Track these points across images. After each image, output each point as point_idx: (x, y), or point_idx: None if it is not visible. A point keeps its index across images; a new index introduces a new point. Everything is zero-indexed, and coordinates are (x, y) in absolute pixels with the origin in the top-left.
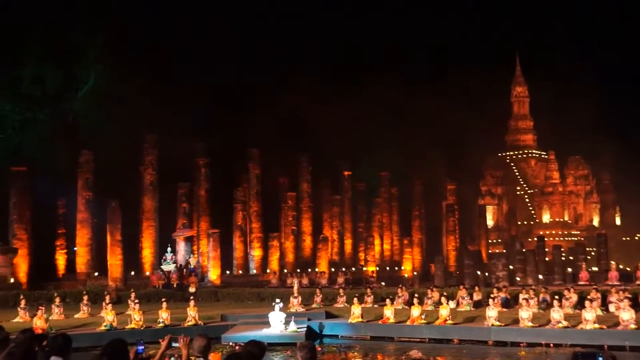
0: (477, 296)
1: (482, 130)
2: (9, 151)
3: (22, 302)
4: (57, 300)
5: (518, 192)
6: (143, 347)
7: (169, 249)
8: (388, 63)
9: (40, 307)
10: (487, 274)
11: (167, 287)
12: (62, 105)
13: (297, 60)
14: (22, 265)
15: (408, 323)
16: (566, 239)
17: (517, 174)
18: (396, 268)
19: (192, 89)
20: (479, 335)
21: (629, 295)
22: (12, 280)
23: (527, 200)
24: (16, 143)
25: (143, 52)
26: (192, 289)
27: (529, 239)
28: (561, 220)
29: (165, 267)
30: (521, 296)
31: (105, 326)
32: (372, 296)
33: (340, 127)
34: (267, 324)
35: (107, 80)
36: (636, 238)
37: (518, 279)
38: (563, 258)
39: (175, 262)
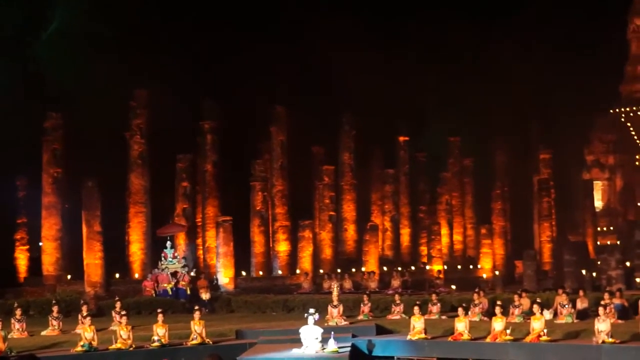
0: (581, 304)
1: (586, 81)
2: None
3: None
4: (18, 312)
5: (638, 163)
6: None
7: (168, 243)
8: None
9: None
10: (595, 273)
11: (179, 294)
12: (20, 52)
13: None
14: None
15: (488, 340)
16: None
17: (636, 137)
18: (471, 267)
19: (192, 27)
20: (585, 357)
21: None
22: None
23: None
24: None
25: None
26: (204, 296)
27: None
28: None
29: (170, 267)
30: None
31: (82, 346)
32: (438, 304)
33: (394, 78)
34: (297, 342)
35: (80, 17)
36: None
37: (638, 280)
38: None
39: (183, 260)
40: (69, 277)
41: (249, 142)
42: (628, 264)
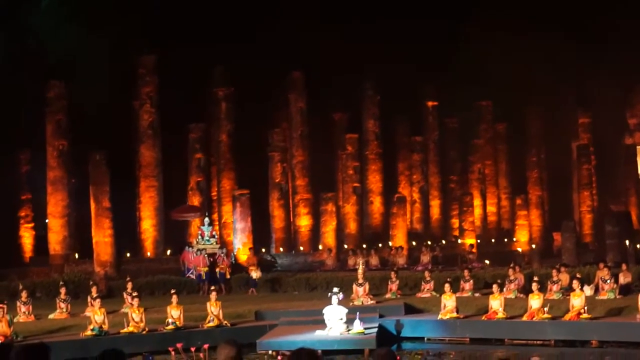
0: (624, 278)
1: (628, 35)
2: None
3: None
4: (24, 295)
5: None
6: None
7: (206, 219)
8: None
9: (0, 306)
10: (639, 245)
11: (213, 279)
12: (17, 22)
13: None
14: None
15: (525, 319)
16: None
17: None
18: (506, 240)
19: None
20: (628, 335)
21: None
22: None
23: None
24: None
25: None
26: (255, 274)
27: None
28: None
29: (208, 247)
30: None
31: (92, 330)
32: (471, 281)
33: (417, 36)
34: (321, 323)
35: None
36: None
37: None
38: None
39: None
40: (77, 256)
41: (266, 109)
42: None
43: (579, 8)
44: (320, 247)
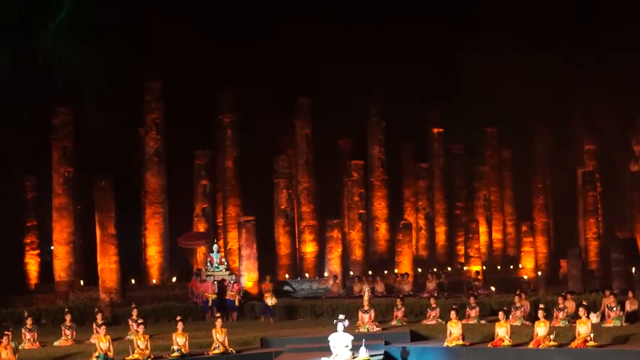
0: (631, 305)
1: (634, 61)
2: None
3: None
4: (29, 322)
5: None
6: None
7: (215, 246)
8: None
9: (5, 333)
10: None
11: (222, 306)
12: (27, 43)
13: None
14: None
15: (531, 346)
16: None
17: None
18: (511, 267)
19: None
20: None
21: None
22: None
23: None
24: None
25: None
26: (270, 301)
27: None
28: None
29: (216, 274)
30: None
31: (97, 357)
32: (477, 308)
33: (425, 58)
34: (326, 350)
35: (90, 5)
36: None
37: None
38: None
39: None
40: (82, 283)
41: (272, 136)
42: None
43: (583, 33)
44: (326, 273)
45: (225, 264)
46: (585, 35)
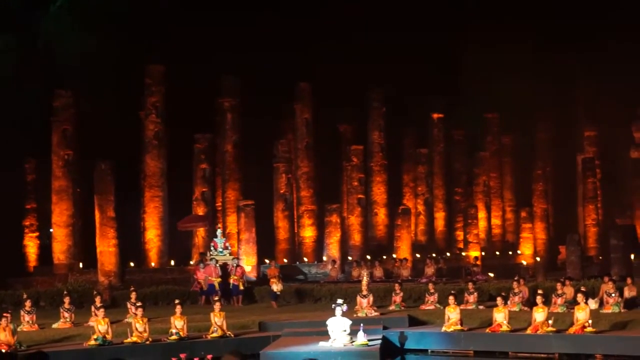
0: (629, 292)
1: (635, 49)
2: None
3: None
4: (28, 304)
5: None
6: None
7: (219, 231)
8: None
9: (4, 315)
10: None
11: (225, 291)
12: (27, 27)
13: None
14: None
15: (529, 332)
16: None
17: None
18: (510, 253)
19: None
20: (633, 349)
21: None
22: None
23: None
24: None
25: None
26: (276, 287)
27: None
28: None
29: (219, 258)
30: None
31: (96, 340)
32: (475, 293)
33: (424, 47)
34: (324, 334)
35: None
36: None
37: None
38: None
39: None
40: (81, 265)
41: (272, 120)
42: None
43: (584, 22)
44: (325, 258)
45: (230, 248)
46: (585, 22)
